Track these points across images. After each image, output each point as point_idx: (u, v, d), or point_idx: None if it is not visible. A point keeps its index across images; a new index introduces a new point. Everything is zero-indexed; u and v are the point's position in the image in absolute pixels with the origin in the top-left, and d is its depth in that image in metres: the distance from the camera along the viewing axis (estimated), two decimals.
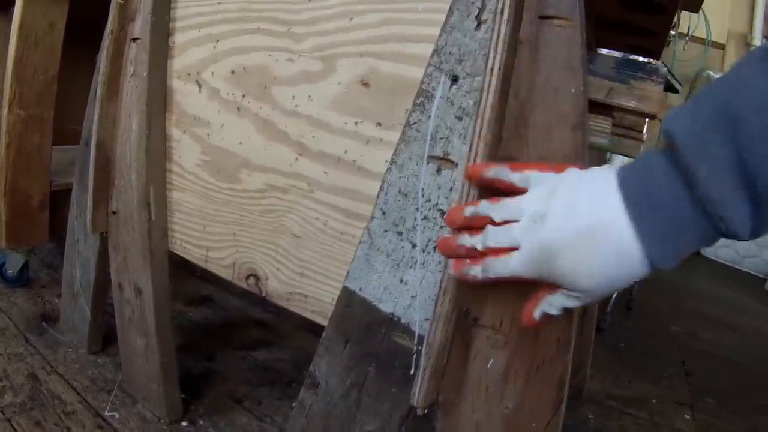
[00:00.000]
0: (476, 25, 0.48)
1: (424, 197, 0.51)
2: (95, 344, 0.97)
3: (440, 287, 0.48)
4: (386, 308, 0.54)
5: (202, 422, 0.85)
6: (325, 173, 0.61)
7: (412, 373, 0.52)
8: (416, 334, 0.52)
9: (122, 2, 0.77)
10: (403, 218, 0.53)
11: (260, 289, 0.68)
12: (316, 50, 0.61)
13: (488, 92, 0.46)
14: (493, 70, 0.46)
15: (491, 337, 0.49)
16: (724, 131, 0.33)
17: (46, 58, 1.05)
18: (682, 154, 0.35)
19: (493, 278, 0.43)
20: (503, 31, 0.46)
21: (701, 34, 2.86)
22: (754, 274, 2.85)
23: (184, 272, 1.35)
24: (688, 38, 2.82)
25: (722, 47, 2.96)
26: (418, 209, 0.51)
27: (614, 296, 1.60)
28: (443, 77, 0.50)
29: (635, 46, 1.07)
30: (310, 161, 0.62)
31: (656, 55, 1.08)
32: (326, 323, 0.59)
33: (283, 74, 0.64)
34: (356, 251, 0.56)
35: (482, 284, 0.44)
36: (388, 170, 0.54)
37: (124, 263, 0.82)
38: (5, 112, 1.01)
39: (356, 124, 0.58)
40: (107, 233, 0.85)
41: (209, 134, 0.72)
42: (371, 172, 0.57)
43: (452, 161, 0.49)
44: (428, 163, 0.51)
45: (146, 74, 0.74)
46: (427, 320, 0.50)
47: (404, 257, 0.52)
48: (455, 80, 0.49)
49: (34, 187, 1.09)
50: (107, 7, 0.78)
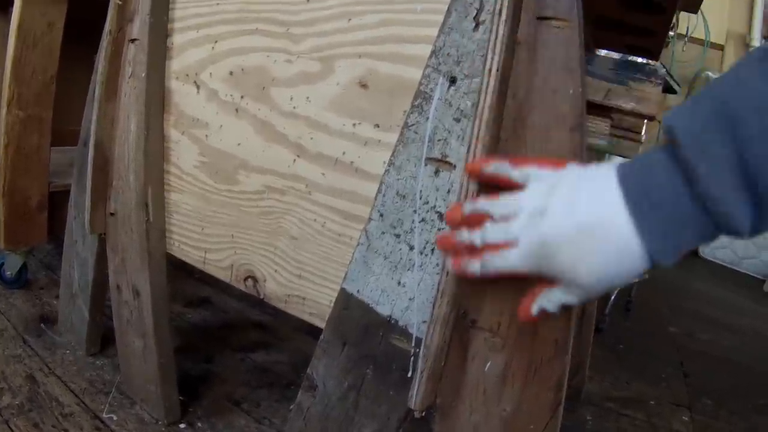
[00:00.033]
0: (474, 26, 0.48)
1: (421, 199, 0.51)
2: (93, 346, 0.97)
3: (438, 289, 0.48)
4: (384, 310, 0.54)
5: (200, 424, 0.85)
6: (323, 175, 0.61)
7: (409, 375, 0.52)
8: (414, 336, 0.51)
9: (120, 3, 0.77)
10: (400, 220, 0.52)
11: (258, 291, 0.68)
12: (314, 51, 0.61)
13: (486, 93, 0.46)
14: (491, 71, 0.46)
15: (489, 339, 0.49)
16: (724, 131, 0.33)
17: (44, 58, 1.05)
18: (682, 151, 0.35)
19: (492, 273, 0.43)
20: (501, 32, 0.46)
21: (700, 35, 2.86)
22: (752, 275, 2.85)
23: (182, 274, 1.35)
24: (686, 39, 2.83)
25: (721, 48, 2.96)
26: (415, 211, 0.51)
27: (613, 297, 1.60)
28: (441, 79, 0.50)
29: (634, 46, 1.07)
30: (308, 163, 0.62)
31: (655, 55, 1.08)
32: (324, 325, 0.59)
33: (281, 75, 0.64)
34: (354, 253, 0.56)
35: (481, 282, 0.44)
36: (386, 172, 0.54)
37: (122, 264, 0.82)
38: (4, 112, 1.01)
39: (354, 125, 0.58)
40: (105, 234, 0.85)
41: (207, 135, 0.72)
42: (369, 173, 0.57)
43: (450, 163, 0.49)
44: (426, 165, 0.51)
45: (144, 75, 0.74)
46: (424, 322, 0.50)
47: (402, 259, 0.52)
48: (453, 82, 0.49)
49: (32, 187, 1.09)
50: (106, 7, 0.78)
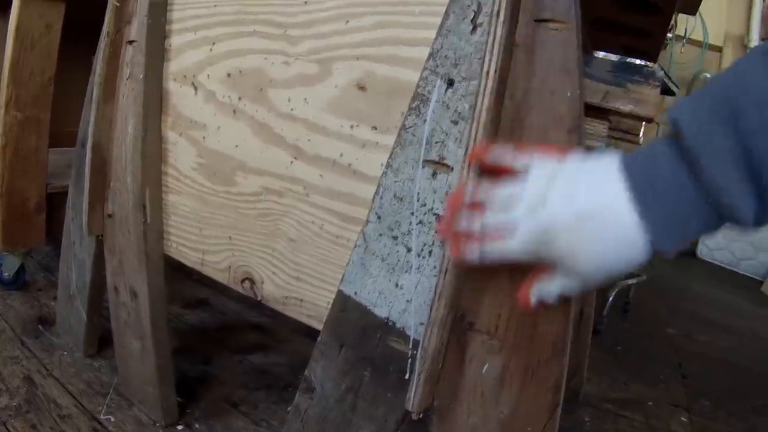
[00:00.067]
0: (472, 28, 0.48)
1: (419, 201, 0.51)
2: (91, 347, 0.97)
3: (435, 292, 0.48)
4: (381, 313, 0.54)
5: (198, 426, 0.85)
6: (320, 176, 0.61)
7: (407, 377, 0.52)
8: (411, 338, 0.51)
9: (118, 5, 0.77)
10: (398, 222, 0.52)
11: (256, 293, 0.68)
12: (312, 53, 0.61)
13: (483, 96, 0.46)
14: (488, 73, 0.46)
15: (486, 341, 0.49)
16: (726, 123, 0.33)
17: (42, 59, 1.04)
18: (687, 142, 0.35)
19: (491, 260, 0.43)
20: (499, 34, 0.46)
21: (698, 36, 2.87)
22: (750, 276, 2.85)
23: (180, 275, 1.34)
24: (685, 41, 2.83)
25: (719, 50, 2.96)
26: (413, 213, 0.51)
27: (611, 299, 1.60)
28: (439, 81, 0.50)
29: (632, 47, 1.07)
30: (305, 164, 0.62)
31: (653, 57, 1.08)
32: (321, 327, 0.59)
33: (279, 77, 0.64)
34: (351, 255, 0.56)
35: (478, 284, 0.44)
36: (383, 174, 0.54)
37: (119, 266, 0.82)
38: (2, 113, 1.01)
39: (352, 127, 0.58)
40: (103, 236, 0.85)
41: (205, 137, 0.72)
42: (367, 175, 0.57)
43: (448, 165, 0.49)
44: (424, 167, 0.51)
45: (142, 77, 0.74)
46: (422, 325, 0.50)
47: (399, 261, 0.52)
48: (451, 84, 0.49)
49: (30, 189, 1.08)
50: (104, 8, 0.78)
